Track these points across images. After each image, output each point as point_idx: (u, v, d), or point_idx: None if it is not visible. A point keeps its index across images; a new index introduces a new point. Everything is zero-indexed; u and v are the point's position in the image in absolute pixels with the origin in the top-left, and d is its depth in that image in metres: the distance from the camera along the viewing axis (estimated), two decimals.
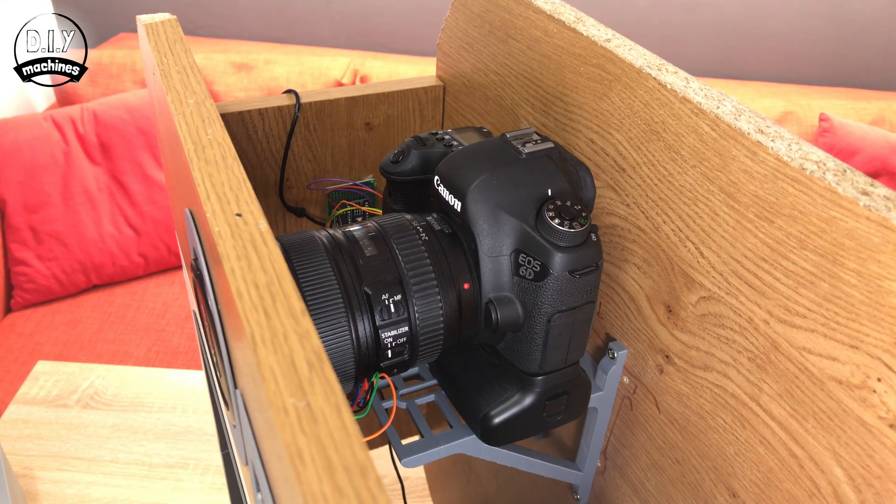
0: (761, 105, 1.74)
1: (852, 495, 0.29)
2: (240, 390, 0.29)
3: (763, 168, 0.30)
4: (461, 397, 0.40)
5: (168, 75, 0.38)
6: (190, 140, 0.31)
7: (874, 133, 1.71)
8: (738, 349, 0.34)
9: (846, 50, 1.94)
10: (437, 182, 0.37)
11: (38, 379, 1.04)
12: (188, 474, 0.92)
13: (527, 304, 0.35)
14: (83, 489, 0.89)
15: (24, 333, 1.47)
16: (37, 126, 1.53)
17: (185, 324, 1.50)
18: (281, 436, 0.18)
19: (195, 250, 0.31)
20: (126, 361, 1.41)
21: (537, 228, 0.34)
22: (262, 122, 0.51)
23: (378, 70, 1.76)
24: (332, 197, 0.57)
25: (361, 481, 0.17)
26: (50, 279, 1.52)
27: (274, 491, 0.25)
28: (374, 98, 0.54)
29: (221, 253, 0.25)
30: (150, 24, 0.44)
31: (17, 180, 1.49)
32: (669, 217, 0.36)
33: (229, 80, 1.72)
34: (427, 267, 0.35)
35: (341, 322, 0.33)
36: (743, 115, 0.32)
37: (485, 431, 0.38)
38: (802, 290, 0.29)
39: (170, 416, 1.00)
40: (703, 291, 0.35)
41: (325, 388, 0.20)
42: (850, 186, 0.27)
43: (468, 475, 0.74)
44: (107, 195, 1.57)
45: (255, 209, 0.27)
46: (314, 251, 0.34)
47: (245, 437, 0.30)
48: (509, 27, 0.46)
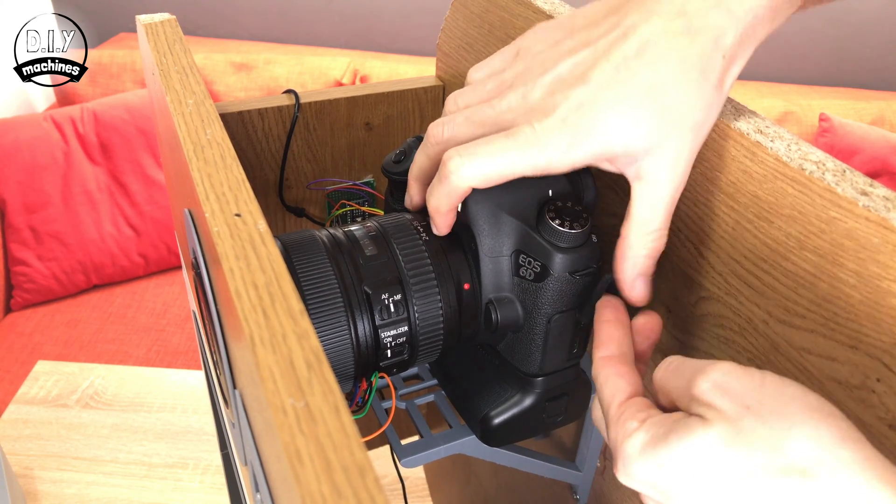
0: (761, 105, 1.74)
1: None
2: (239, 391, 0.29)
3: (762, 168, 0.30)
4: (461, 398, 0.40)
5: (167, 75, 0.38)
6: (189, 140, 0.31)
7: (874, 133, 1.71)
8: (738, 349, 0.34)
9: (846, 50, 1.94)
10: None
11: (38, 379, 1.04)
12: (188, 474, 0.92)
13: (527, 305, 0.35)
14: (83, 489, 0.89)
15: (24, 333, 1.47)
16: (37, 126, 1.53)
17: (185, 324, 1.50)
18: (279, 436, 0.18)
19: (194, 250, 0.31)
20: (126, 361, 1.41)
21: (538, 229, 0.34)
22: (262, 122, 0.51)
23: (378, 70, 1.76)
24: (331, 197, 0.57)
25: (360, 481, 0.17)
26: (50, 279, 1.52)
27: (273, 491, 0.25)
28: (373, 98, 0.54)
29: (220, 253, 0.25)
30: (150, 24, 0.44)
31: (17, 180, 1.49)
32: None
33: (229, 80, 1.72)
34: (427, 267, 0.35)
35: (341, 321, 0.33)
36: (742, 114, 0.32)
37: (484, 432, 0.38)
38: (802, 291, 0.29)
39: (170, 416, 1.00)
40: (702, 292, 0.35)
41: (324, 388, 0.20)
42: (850, 187, 0.27)
43: (468, 475, 0.74)
44: (107, 195, 1.57)
45: (255, 209, 0.27)
46: (314, 250, 0.34)
47: (244, 437, 0.30)
48: (509, 27, 0.46)
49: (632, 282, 0.33)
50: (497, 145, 0.31)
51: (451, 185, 0.32)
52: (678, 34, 0.29)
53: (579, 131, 0.30)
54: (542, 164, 0.31)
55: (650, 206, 0.31)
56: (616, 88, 0.30)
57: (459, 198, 0.33)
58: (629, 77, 0.29)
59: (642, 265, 0.32)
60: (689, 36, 0.29)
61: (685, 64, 0.29)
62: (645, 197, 0.31)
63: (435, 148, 0.35)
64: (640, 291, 0.33)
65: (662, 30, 0.29)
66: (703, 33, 0.29)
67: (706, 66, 0.29)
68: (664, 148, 0.30)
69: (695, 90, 0.29)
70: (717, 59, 0.29)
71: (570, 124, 0.30)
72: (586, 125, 0.30)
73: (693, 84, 0.29)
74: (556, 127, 0.30)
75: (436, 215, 0.34)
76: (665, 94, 0.29)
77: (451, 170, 0.32)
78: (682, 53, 0.29)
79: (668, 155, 0.30)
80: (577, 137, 0.30)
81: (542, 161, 0.31)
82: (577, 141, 0.30)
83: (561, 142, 0.30)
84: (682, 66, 0.29)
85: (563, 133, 0.30)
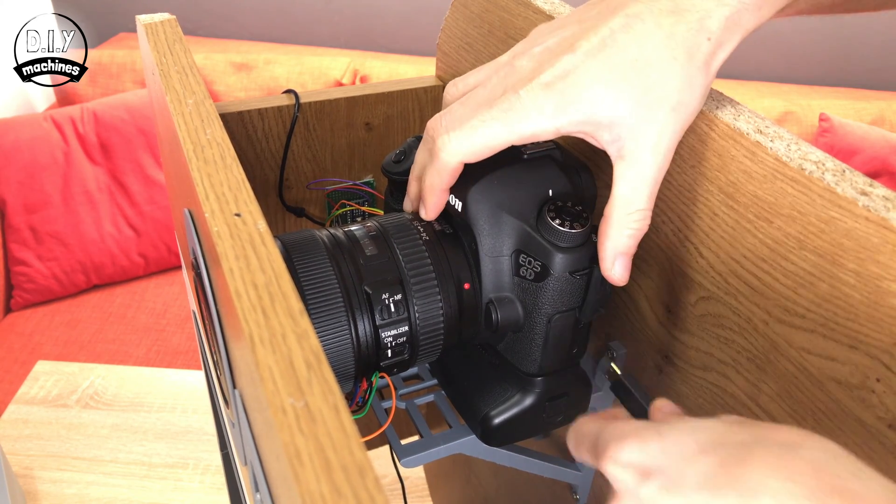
0: (761, 105, 1.74)
1: None
2: (239, 390, 0.29)
3: (762, 168, 0.30)
4: (461, 397, 0.40)
5: (167, 75, 0.38)
6: (189, 140, 0.31)
7: (874, 133, 1.71)
8: (738, 349, 0.34)
9: (846, 50, 1.94)
10: None
11: (38, 379, 1.04)
12: (188, 474, 0.92)
13: (527, 305, 0.35)
14: (83, 489, 0.89)
15: (24, 333, 1.47)
16: (37, 126, 1.53)
17: (185, 324, 1.50)
18: (279, 436, 0.18)
19: (194, 250, 0.31)
20: (126, 361, 1.41)
21: (538, 229, 0.34)
22: (262, 122, 0.51)
23: (378, 70, 1.76)
24: (331, 197, 0.57)
25: (359, 481, 0.17)
26: (50, 279, 1.52)
27: (273, 491, 0.25)
28: (373, 98, 0.54)
29: (220, 253, 0.25)
30: (150, 24, 0.44)
31: (17, 180, 1.49)
32: (669, 217, 0.36)
33: (229, 80, 1.72)
34: (427, 267, 0.35)
35: (341, 321, 0.33)
36: (742, 115, 0.32)
37: (485, 432, 0.38)
38: (801, 291, 0.29)
39: (170, 415, 1.00)
40: (702, 291, 0.35)
41: (324, 388, 0.20)
42: (849, 187, 0.27)
43: (468, 475, 0.74)
44: (107, 195, 1.57)
45: (254, 209, 0.27)
46: (315, 250, 0.34)
47: (244, 437, 0.30)
48: (509, 27, 0.46)
49: (612, 260, 0.33)
50: (481, 116, 0.32)
51: (441, 162, 0.33)
52: (665, 13, 0.30)
53: (564, 97, 0.30)
54: (527, 132, 0.31)
55: (632, 186, 0.31)
56: (602, 59, 0.30)
57: (451, 174, 0.34)
58: (615, 50, 0.30)
59: (624, 245, 0.32)
60: (675, 15, 0.30)
61: (671, 41, 0.30)
62: (627, 177, 0.31)
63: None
64: (619, 271, 0.33)
65: (649, 8, 0.30)
66: (690, 13, 0.30)
67: (692, 47, 0.30)
68: (647, 126, 0.30)
69: (679, 70, 0.30)
70: (703, 40, 0.30)
71: (556, 90, 0.30)
72: (572, 92, 0.30)
73: (678, 63, 0.30)
74: (541, 92, 0.31)
75: (429, 195, 0.35)
76: (650, 70, 0.30)
77: (439, 147, 0.32)
78: (669, 31, 0.30)
79: (650, 134, 0.31)
80: (562, 104, 0.30)
81: (528, 129, 0.31)
82: (562, 107, 0.30)
83: (545, 108, 0.31)
84: (668, 44, 0.30)
85: (548, 99, 0.30)
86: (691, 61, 0.30)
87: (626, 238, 0.32)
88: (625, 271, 0.33)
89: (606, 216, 0.32)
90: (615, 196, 0.32)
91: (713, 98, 0.34)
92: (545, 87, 0.31)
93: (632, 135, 0.31)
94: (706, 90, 0.31)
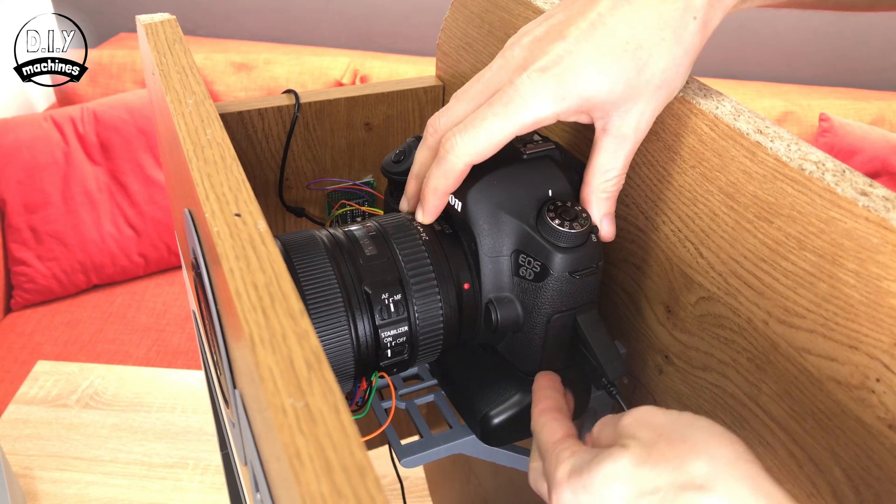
0: (761, 105, 1.74)
1: (851, 496, 0.29)
2: (239, 391, 0.29)
3: (762, 168, 0.30)
4: (461, 397, 0.40)
5: (167, 75, 0.38)
6: (189, 140, 0.31)
7: (874, 133, 1.71)
8: (737, 349, 0.34)
9: (846, 50, 1.94)
10: None
11: (38, 379, 1.04)
12: (188, 474, 0.92)
13: (527, 305, 0.35)
14: (83, 489, 0.89)
15: (24, 333, 1.47)
16: (37, 126, 1.53)
17: (185, 324, 1.50)
18: (279, 436, 0.18)
19: (194, 250, 0.31)
20: (126, 361, 1.41)
21: (537, 229, 0.34)
22: (262, 123, 0.51)
23: (378, 70, 1.76)
24: (331, 197, 0.57)
25: (360, 481, 0.17)
26: (50, 279, 1.52)
27: (273, 491, 0.25)
28: (373, 98, 0.54)
29: (220, 253, 0.25)
30: (150, 24, 0.44)
31: (17, 180, 1.49)
32: (669, 217, 0.36)
33: (229, 80, 1.72)
34: (427, 267, 0.35)
35: (341, 321, 0.33)
36: (742, 115, 0.32)
37: (484, 432, 0.38)
38: (801, 291, 0.29)
39: (169, 415, 1.00)
40: (702, 292, 0.35)
41: (324, 388, 0.20)
42: (849, 187, 0.27)
43: (468, 475, 0.74)
44: (107, 195, 1.57)
45: (254, 209, 0.27)
46: (315, 250, 0.34)
47: (244, 437, 0.30)
48: (509, 27, 0.46)
49: (599, 221, 0.35)
50: (484, 113, 0.32)
51: (449, 164, 0.33)
52: None
53: (561, 82, 0.31)
54: (528, 120, 0.32)
55: (612, 156, 0.33)
56: (594, 42, 0.31)
57: (458, 177, 0.34)
58: (605, 31, 0.31)
59: (606, 206, 0.35)
60: None
61: (660, 21, 0.30)
62: (609, 148, 0.33)
63: (434, 137, 0.35)
64: (607, 229, 0.35)
65: None
66: None
67: (679, 27, 0.31)
68: (634, 105, 0.32)
69: (667, 50, 0.31)
70: (689, 19, 0.31)
71: (552, 75, 0.31)
72: (568, 77, 0.31)
73: (666, 44, 0.31)
74: (537, 78, 0.31)
75: (431, 197, 0.35)
76: (640, 51, 0.31)
77: (447, 149, 0.33)
78: (656, 11, 0.30)
79: (636, 111, 0.32)
80: (560, 88, 0.31)
81: (529, 117, 0.32)
82: (561, 93, 0.31)
83: (544, 94, 0.31)
84: (657, 24, 0.30)
85: (546, 85, 0.31)
86: (679, 41, 0.31)
87: (606, 199, 0.35)
88: (612, 228, 0.36)
89: (587, 182, 0.35)
90: (595, 164, 0.34)
91: (713, 98, 0.34)
92: (541, 73, 0.31)
93: (618, 112, 0.32)
94: (689, 69, 0.32)
